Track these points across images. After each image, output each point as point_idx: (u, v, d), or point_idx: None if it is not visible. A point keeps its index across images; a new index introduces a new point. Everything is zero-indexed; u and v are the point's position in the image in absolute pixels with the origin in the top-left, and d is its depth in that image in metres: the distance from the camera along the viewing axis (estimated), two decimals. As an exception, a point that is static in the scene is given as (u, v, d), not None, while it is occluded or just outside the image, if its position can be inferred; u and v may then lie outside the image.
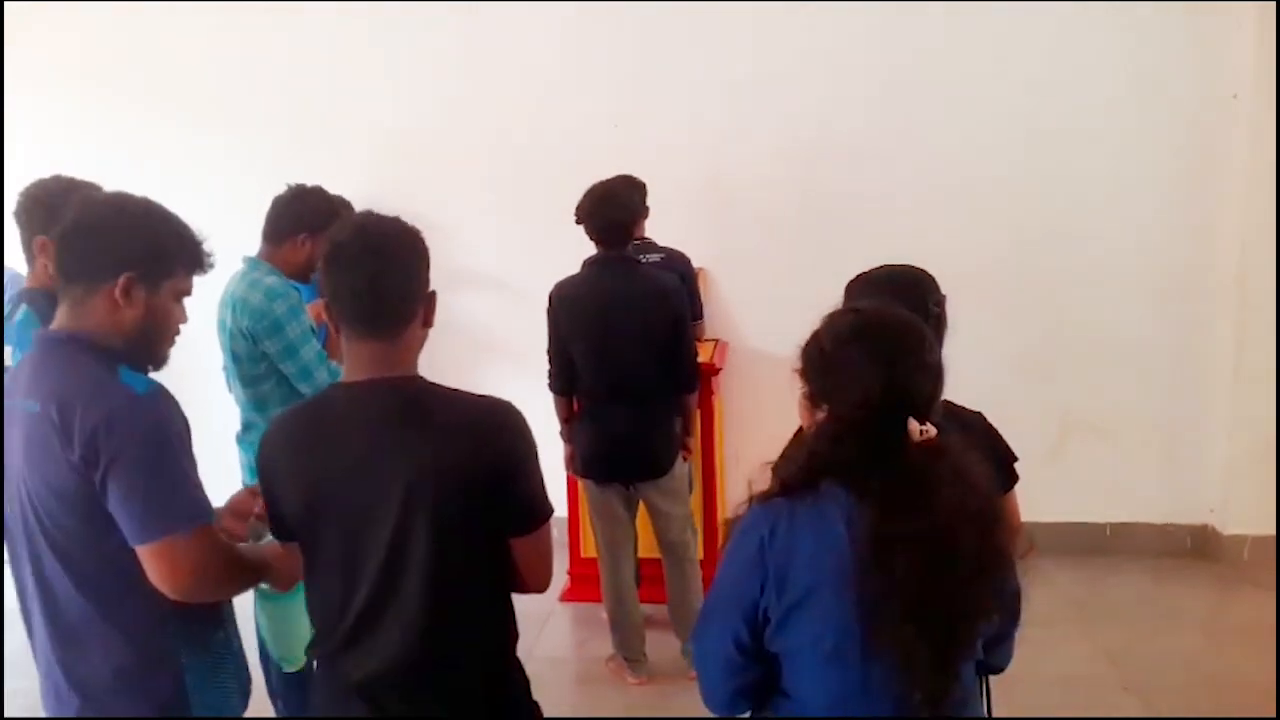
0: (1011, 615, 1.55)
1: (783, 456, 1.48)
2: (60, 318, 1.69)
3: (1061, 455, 4.38)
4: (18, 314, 2.33)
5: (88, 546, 1.64)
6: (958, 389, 1.96)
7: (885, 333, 1.43)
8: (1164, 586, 4.16)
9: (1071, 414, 4.44)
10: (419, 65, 4.57)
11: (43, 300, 2.30)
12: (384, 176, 4.59)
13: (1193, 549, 4.41)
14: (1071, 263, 4.35)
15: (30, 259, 2.39)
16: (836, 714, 1.40)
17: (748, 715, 1.54)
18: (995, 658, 1.59)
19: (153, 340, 1.73)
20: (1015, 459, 1.96)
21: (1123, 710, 3.22)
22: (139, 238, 1.68)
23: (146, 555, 1.60)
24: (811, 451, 1.42)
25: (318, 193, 2.97)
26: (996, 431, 1.96)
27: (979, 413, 1.97)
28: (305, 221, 2.89)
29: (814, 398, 1.47)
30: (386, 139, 4.60)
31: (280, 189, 2.97)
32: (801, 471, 1.41)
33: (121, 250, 1.66)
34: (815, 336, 1.48)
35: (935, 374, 1.44)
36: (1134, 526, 4.44)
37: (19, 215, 2.36)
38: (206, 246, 1.79)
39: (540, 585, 1.71)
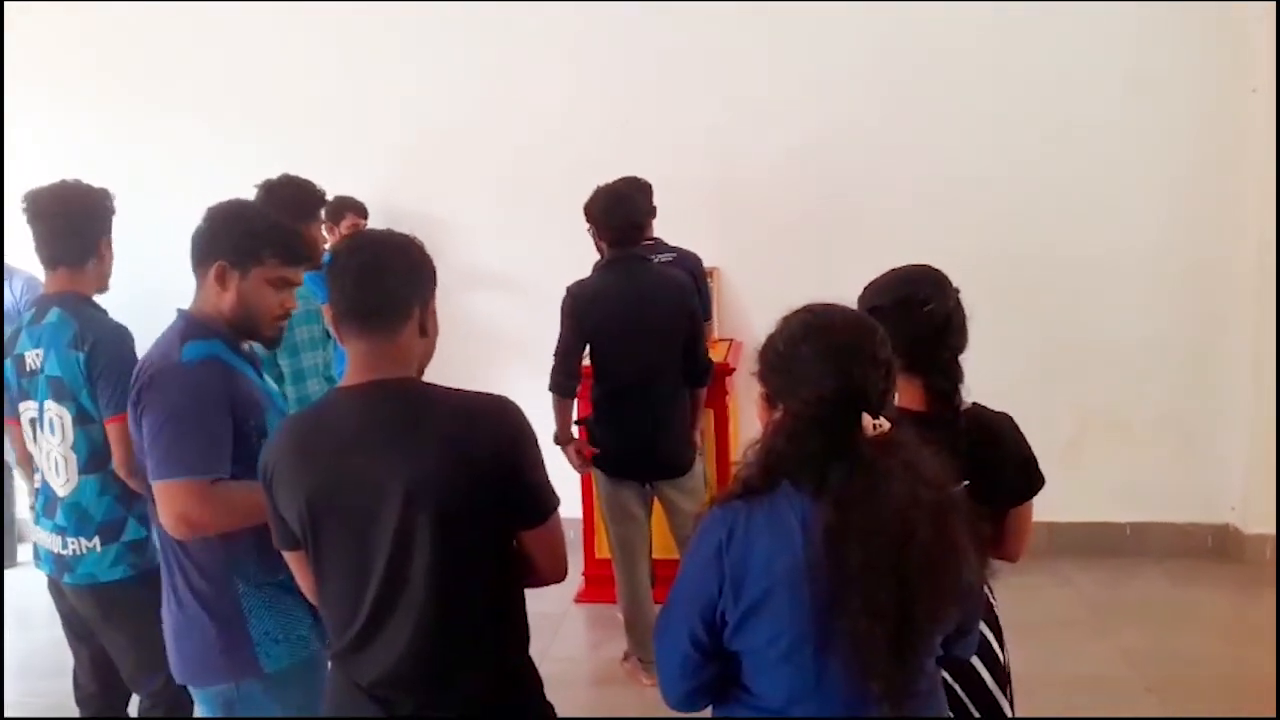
0: (972, 608, 1.56)
1: (743, 457, 1.49)
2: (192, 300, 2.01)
3: (1080, 454, 4.34)
4: (48, 316, 2.38)
5: None
6: (975, 388, 1.96)
7: (836, 331, 1.45)
8: (1184, 587, 4.12)
9: (1090, 412, 4.40)
10: (435, 68, 4.59)
11: (73, 302, 2.40)
12: (400, 177, 4.62)
13: (1214, 549, 4.37)
14: (1089, 260, 4.31)
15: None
16: (793, 708, 1.43)
17: (709, 715, 1.56)
18: (957, 649, 1.59)
19: (251, 321, 1.98)
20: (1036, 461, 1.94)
21: (1142, 712, 3.18)
22: (228, 230, 1.95)
23: (154, 492, 1.87)
24: (768, 449, 1.44)
25: (287, 184, 2.94)
26: (1023, 436, 1.95)
27: (1007, 415, 1.96)
28: (288, 215, 2.85)
29: (770, 398, 1.50)
30: (403, 140, 4.63)
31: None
32: (760, 470, 1.44)
33: (216, 241, 1.95)
34: (770, 339, 1.51)
35: (887, 370, 1.45)
36: (1154, 526, 4.40)
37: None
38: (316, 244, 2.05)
39: (557, 575, 1.70)
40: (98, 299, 2.48)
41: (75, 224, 2.42)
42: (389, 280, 1.60)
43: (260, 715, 1.94)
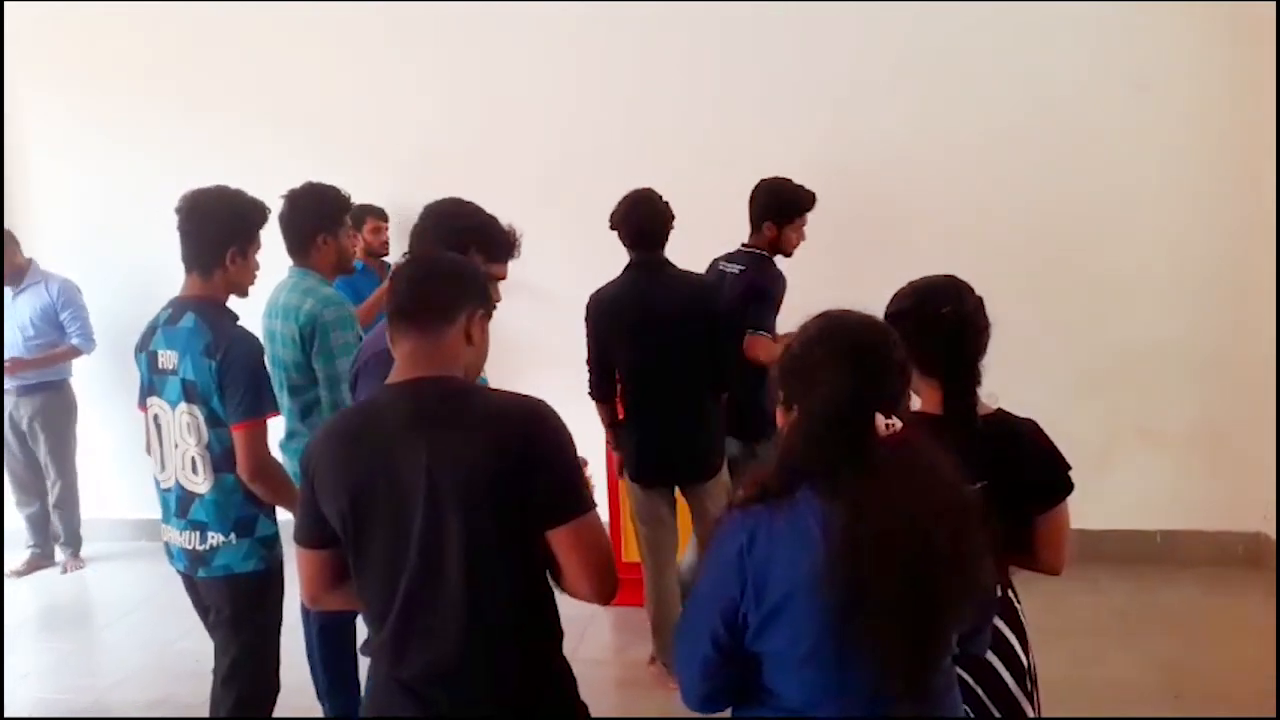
0: (986, 606, 1.58)
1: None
2: None
3: (1111, 462, 4.31)
4: (183, 320, 2.45)
5: None
6: (1007, 399, 1.95)
7: (850, 333, 1.48)
8: (1216, 595, 4.08)
9: (1121, 420, 4.37)
10: (455, 74, 4.62)
11: (207, 309, 2.47)
12: (421, 184, 4.64)
13: (1245, 557, 4.32)
14: (1118, 268, 4.29)
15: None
16: (814, 709, 1.44)
17: (729, 716, 1.58)
18: (971, 646, 1.61)
19: None
20: (1069, 467, 1.94)
21: (1173, 720, 3.16)
22: (435, 227, 2.09)
23: None
24: (784, 451, 1.46)
25: (310, 193, 2.96)
26: (1049, 440, 1.94)
27: (1031, 420, 1.96)
28: (313, 223, 2.92)
29: (786, 400, 1.51)
30: (423, 146, 4.65)
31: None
32: (777, 472, 1.45)
33: (424, 237, 2.10)
34: (787, 343, 1.53)
35: (901, 371, 1.47)
36: (1185, 534, 4.36)
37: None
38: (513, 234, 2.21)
39: (588, 587, 1.64)
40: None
41: (200, 233, 2.48)
42: (438, 284, 1.69)
43: None
